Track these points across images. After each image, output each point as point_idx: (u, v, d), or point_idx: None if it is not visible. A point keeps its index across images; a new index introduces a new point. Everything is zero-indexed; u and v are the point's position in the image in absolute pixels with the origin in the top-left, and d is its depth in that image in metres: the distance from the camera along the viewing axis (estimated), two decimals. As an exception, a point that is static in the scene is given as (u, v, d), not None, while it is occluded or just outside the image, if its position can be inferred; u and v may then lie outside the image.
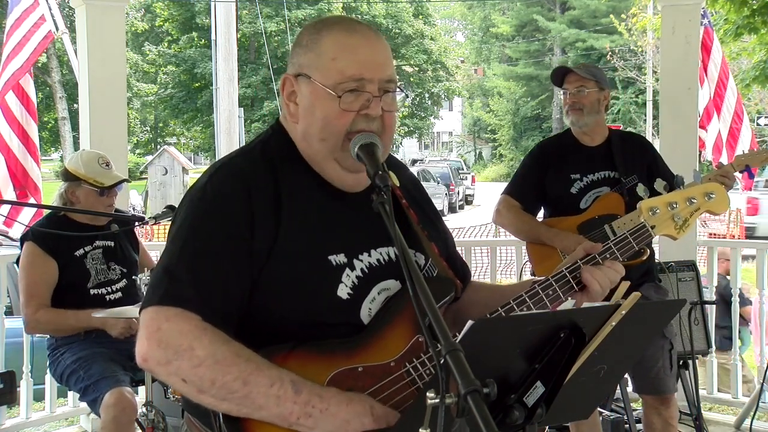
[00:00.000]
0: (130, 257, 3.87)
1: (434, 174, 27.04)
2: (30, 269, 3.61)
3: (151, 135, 36.37)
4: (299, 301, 1.60)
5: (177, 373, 1.48)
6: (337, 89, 1.60)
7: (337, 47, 1.63)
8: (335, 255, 1.63)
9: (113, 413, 3.30)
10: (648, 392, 3.50)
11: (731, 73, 5.87)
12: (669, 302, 2.92)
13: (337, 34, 1.64)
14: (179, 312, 1.49)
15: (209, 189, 1.61)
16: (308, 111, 1.64)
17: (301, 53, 1.67)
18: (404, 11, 31.51)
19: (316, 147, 1.65)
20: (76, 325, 3.61)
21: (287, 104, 1.69)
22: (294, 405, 1.49)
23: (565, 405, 1.53)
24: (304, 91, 1.65)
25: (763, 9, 6.99)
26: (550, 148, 3.70)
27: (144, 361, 1.50)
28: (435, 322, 1.31)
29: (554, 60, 41.86)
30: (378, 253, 1.69)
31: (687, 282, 4.40)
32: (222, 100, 11.72)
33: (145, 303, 1.53)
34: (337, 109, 1.61)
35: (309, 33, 1.68)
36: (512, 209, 3.59)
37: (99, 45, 4.93)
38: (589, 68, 3.55)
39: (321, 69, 1.62)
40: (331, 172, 1.67)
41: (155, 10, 30.62)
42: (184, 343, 1.46)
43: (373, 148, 1.59)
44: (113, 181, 3.73)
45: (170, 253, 1.57)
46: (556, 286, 1.79)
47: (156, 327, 1.48)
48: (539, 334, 1.47)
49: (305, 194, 1.65)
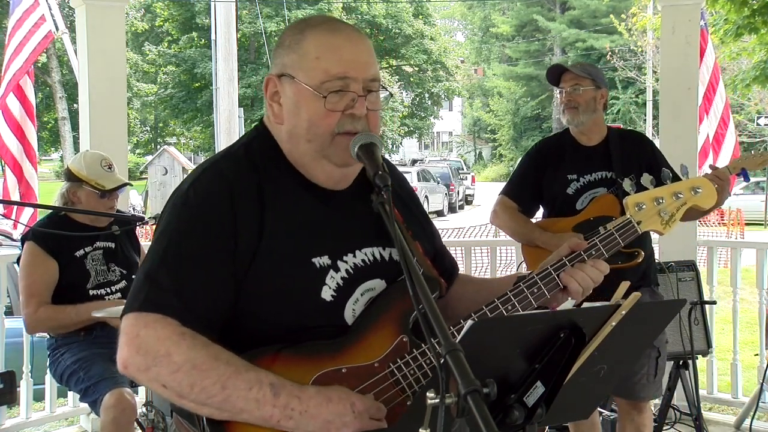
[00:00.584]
0: (130, 258, 3.86)
1: (434, 174, 27.04)
2: (30, 269, 3.60)
3: (151, 135, 36.39)
4: (284, 304, 1.60)
5: (156, 379, 1.49)
6: (322, 89, 1.60)
7: (320, 47, 1.61)
8: (319, 257, 1.63)
9: (113, 414, 3.30)
10: (625, 396, 3.44)
11: (731, 73, 5.87)
12: (669, 302, 2.91)
13: (320, 34, 1.63)
14: (158, 318, 1.49)
15: (192, 193, 1.60)
16: (292, 112, 1.63)
17: (284, 53, 1.65)
18: (404, 11, 31.51)
19: (303, 148, 1.64)
20: (76, 319, 3.60)
21: (270, 105, 1.68)
22: (273, 408, 1.50)
23: (565, 405, 1.53)
24: (288, 92, 1.64)
25: (763, 9, 6.99)
26: (548, 147, 3.66)
27: (124, 367, 1.51)
28: (435, 321, 1.31)
29: (554, 60, 41.88)
30: (363, 254, 1.69)
31: (687, 282, 4.40)
32: (222, 100, 11.72)
33: (126, 309, 1.53)
34: (322, 109, 1.60)
35: (292, 33, 1.66)
36: (508, 210, 3.56)
37: (99, 45, 4.93)
38: (585, 66, 3.52)
39: (305, 69, 1.61)
40: (318, 171, 1.67)
41: (155, 10, 30.63)
42: (161, 349, 1.47)
43: (373, 148, 1.59)
44: (115, 184, 3.72)
45: (152, 258, 1.57)
46: (541, 284, 1.78)
47: (135, 333, 1.49)
48: (539, 334, 1.47)
49: (289, 196, 1.64)
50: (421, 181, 24.58)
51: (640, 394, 3.41)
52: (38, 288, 3.59)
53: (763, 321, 4.90)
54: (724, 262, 8.63)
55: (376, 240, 1.71)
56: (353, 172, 1.70)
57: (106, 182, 3.69)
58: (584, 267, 1.80)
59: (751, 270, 5.41)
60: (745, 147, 28.55)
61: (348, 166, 1.65)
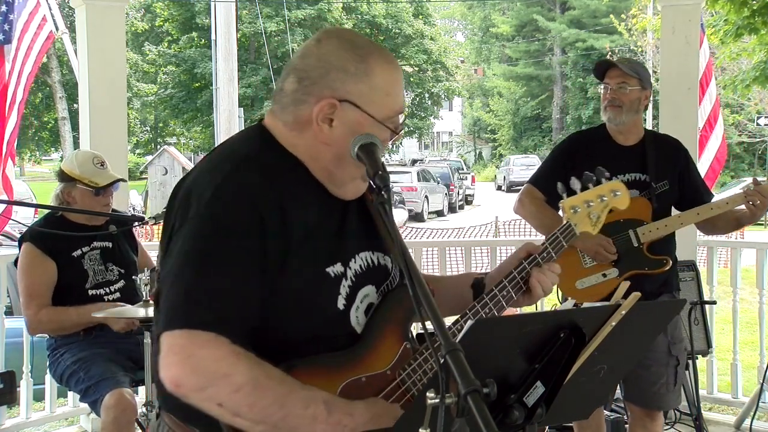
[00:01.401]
0: (128, 258, 3.86)
1: (434, 174, 27.03)
2: (29, 270, 3.60)
3: (151, 135, 36.39)
4: (302, 316, 1.60)
5: (213, 398, 1.46)
6: (387, 123, 1.65)
7: (388, 82, 1.66)
8: (332, 266, 1.63)
9: (113, 414, 3.30)
10: (642, 404, 3.37)
11: (731, 74, 5.85)
12: (669, 302, 2.91)
13: (385, 68, 1.66)
14: (212, 337, 1.46)
15: (218, 204, 1.56)
16: (348, 137, 1.61)
17: (349, 81, 1.63)
18: (404, 11, 31.52)
19: (349, 169, 1.65)
20: (78, 321, 3.59)
21: (319, 125, 1.63)
22: (326, 426, 1.51)
23: (565, 405, 1.53)
24: (350, 117, 1.62)
25: (763, 9, 6.99)
26: (582, 141, 3.50)
27: (177, 387, 1.46)
28: (435, 323, 1.31)
29: (554, 60, 41.88)
30: (361, 259, 1.70)
31: (687, 282, 4.40)
32: (222, 100, 11.70)
33: (167, 325, 1.48)
34: (386, 137, 1.66)
35: (354, 60, 1.64)
36: (536, 201, 3.38)
37: (99, 45, 4.93)
38: (634, 65, 3.35)
39: (375, 103, 1.64)
40: (350, 187, 1.69)
41: (155, 10, 30.63)
42: (219, 370, 1.45)
43: (373, 148, 1.58)
44: (108, 180, 3.72)
45: (185, 272, 1.52)
46: (509, 287, 1.84)
47: (189, 353, 1.46)
48: (539, 334, 1.47)
49: (305, 205, 1.63)
50: (421, 181, 24.56)
51: (659, 404, 3.35)
52: (38, 289, 3.59)
53: (764, 321, 4.89)
54: (724, 262, 8.63)
55: (367, 243, 1.72)
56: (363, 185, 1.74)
57: (99, 179, 3.69)
58: (545, 272, 1.87)
59: (751, 270, 5.41)
60: (744, 147, 28.58)
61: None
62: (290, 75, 1.66)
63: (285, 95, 1.66)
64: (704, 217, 3.31)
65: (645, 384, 3.30)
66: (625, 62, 3.34)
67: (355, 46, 1.66)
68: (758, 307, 4.95)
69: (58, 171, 3.78)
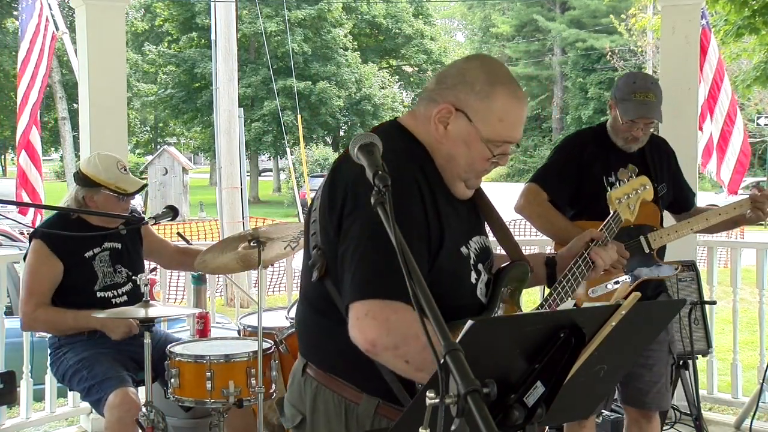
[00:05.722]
0: (137, 259, 3.83)
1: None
2: (35, 266, 3.58)
3: (151, 135, 36.42)
4: (450, 289, 1.84)
5: (403, 356, 1.70)
6: (490, 144, 1.88)
7: (505, 111, 1.87)
8: (463, 246, 1.91)
9: (118, 414, 3.29)
10: (639, 406, 3.35)
11: (731, 74, 5.84)
12: (669, 302, 2.92)
13: (508, 99, 1.88)
14: (401, 305, 1.68)
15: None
16: (458, 143, 1.89)
17: (472, 96, 1.87)
18: (404, 11, 31.54)
19: (456, 170, 1.92)
20: (74, 326, 3.58)
21: (436, 124, 1.89)
22: None
23: (565, 405, 1.53)
24: (461, 127, 1.88)
25: (764, 9, 6.99)
26: (590, 143, 3.39)
27: (373, 346, 1.69)
28: (434, 321, 1.31)
29: (554, 60, 41.90)
30: (474, 242, 1.97)
31: (687, 282, 4.40)
32: (222, 100, 11.66)
33: (363, 294, 1.71)
34: (484, 156, 1.90)
35: (483, 81, 1.87)
36: (543, 203, 3.25)
37: (99, 45, 4.93)
38: (659, 109, 3.31)
39: (487, 122, 1.87)
40: (458, 185, 1.95)
41: (155, 10, 30.66)
42: (411, 331, 1.65)
43: (372, 148, 1.59)
44: (136, 187, 3.68)
45: (370, 252, 1.73)
46: (581, 264, 2.19)
47: (385, 317, 1.69)
48: (539, 334, 1.47)
49: (442, 194, 1.89)
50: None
51: (658, 404, 3.35)
52: (40, 287, 3.57)
53: (764, 321, 4.90)
54: (724, 262, 8.65)
55: (477, 227, 2.03)
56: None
57: (127, 185, 3.65)
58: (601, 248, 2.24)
59: (751, 270, 5.42)
60: (745, 147, 28.57)
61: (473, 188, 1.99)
62: (436, 77, 1.97)
63: (426, 92, 1.97)
64: (713, 222, 3.35)
65: (646, 384, 3.30)
66: (658, 109, 3.27)
67: (491, 72, 1.91)
68: (758, 307, 4.95)
69: (80, 175, 3.68)
